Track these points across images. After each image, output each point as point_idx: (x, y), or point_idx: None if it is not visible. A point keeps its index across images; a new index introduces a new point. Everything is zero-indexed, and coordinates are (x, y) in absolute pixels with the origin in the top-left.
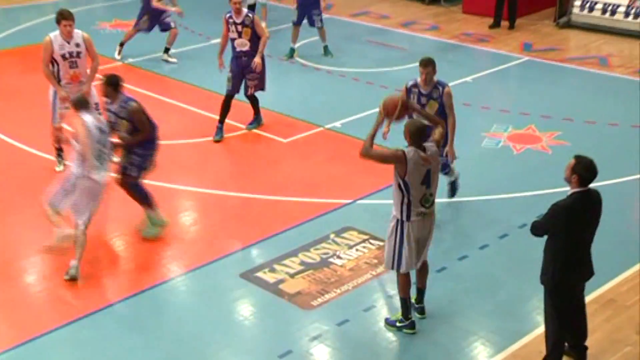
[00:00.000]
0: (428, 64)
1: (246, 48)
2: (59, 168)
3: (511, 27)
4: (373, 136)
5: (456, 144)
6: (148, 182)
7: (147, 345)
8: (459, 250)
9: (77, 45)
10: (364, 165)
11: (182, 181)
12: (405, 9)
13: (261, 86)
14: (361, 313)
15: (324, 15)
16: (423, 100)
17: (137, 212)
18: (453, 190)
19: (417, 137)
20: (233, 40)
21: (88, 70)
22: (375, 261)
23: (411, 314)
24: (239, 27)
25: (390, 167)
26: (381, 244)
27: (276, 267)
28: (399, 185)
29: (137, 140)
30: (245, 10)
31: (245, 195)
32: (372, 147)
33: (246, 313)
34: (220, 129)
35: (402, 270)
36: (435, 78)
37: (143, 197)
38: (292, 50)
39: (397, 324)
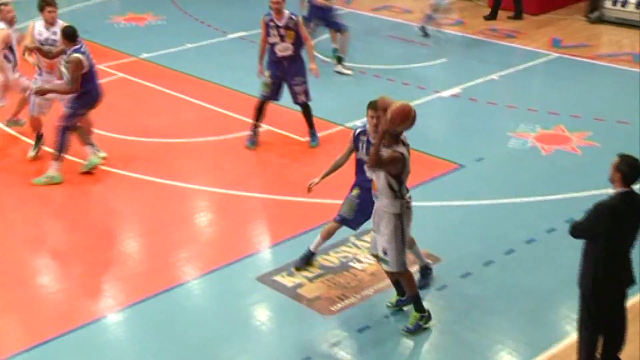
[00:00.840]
0: (379, 107)
1: (289, 52)
2: (31, 153)
3: (517, 16)
4: (379, 147)
5: (481, 144)
6: (163, 181)
7: (161, 350)
8: (484, 255)
9: (55, 33)
10: None
11: (198, 181)
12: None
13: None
14: (382, 319)
15: (344, 10)
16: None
17: (152, 211)
18: None
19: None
20: (273, 45)
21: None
22: None
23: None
24: (282, 31)
25: (414, 168)
26: None
27: (294, 270)
28: (389, 184)
29: (62, 91)
30: (287, 11)
31: (262, 196)
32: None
33: (263, 318)
34: (255, 134)
35: (408, 265)
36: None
37: (58, 145)
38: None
39: (421, 323)
